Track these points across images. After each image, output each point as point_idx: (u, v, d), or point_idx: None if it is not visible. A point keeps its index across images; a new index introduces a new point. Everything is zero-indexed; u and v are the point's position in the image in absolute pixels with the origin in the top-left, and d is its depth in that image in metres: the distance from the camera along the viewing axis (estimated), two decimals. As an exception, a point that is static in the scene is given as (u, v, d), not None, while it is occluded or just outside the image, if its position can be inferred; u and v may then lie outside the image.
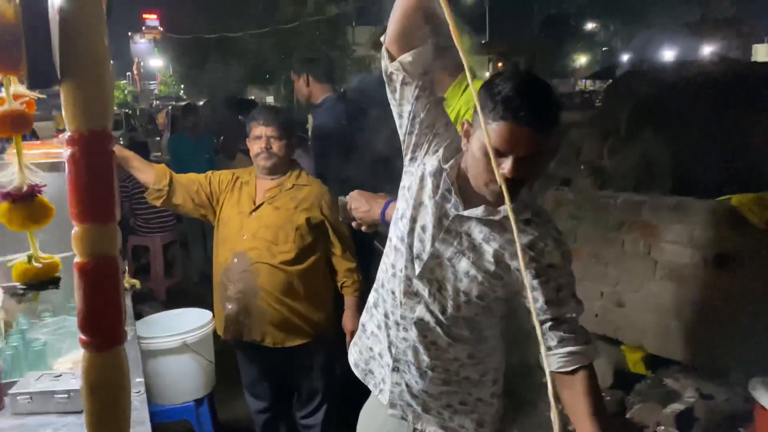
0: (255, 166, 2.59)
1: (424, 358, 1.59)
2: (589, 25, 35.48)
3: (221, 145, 5.77)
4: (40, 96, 0.88)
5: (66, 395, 1.68)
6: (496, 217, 1.45)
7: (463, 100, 2.04)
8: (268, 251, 2.47)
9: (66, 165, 0.90)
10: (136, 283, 2.48)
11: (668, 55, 26.30)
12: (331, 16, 29.46)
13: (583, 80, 34.11)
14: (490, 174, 1.35)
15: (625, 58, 28.40)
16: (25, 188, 0.90)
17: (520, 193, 1.43)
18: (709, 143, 3.45)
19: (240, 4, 25.28)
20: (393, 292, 1.62)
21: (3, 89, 0.86)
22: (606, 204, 3.33)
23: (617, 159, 3.85)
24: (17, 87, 0.85)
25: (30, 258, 0.92)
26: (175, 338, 2.50)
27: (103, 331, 0.96)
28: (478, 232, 1.49)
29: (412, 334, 1.59)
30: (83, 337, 0.95)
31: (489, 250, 1.48)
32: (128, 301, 2.39)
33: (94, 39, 0.88)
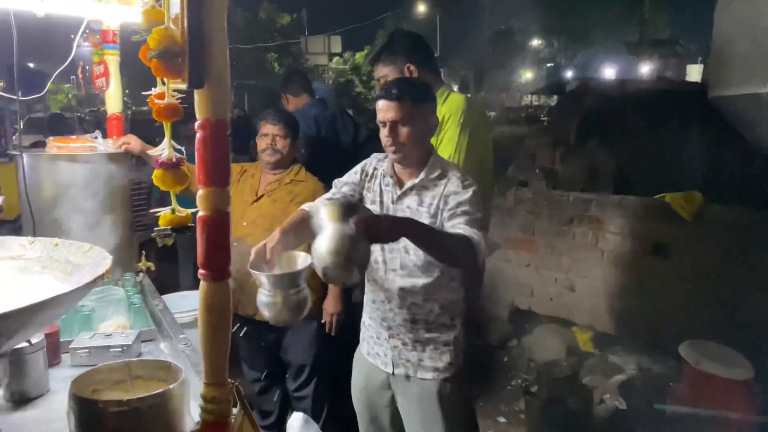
0: (261, 160, 2.90)
1: (407, 313, 2.05)
2: (535, 42, 36.64)
3: None
4: (182, 95, 1.21)
5: (120, 349, 1.96)
6: (416, 181, 1.98)
7: (446, 108, 2.43)
8: (263, 238, 2.77)
9: (196, 143, 1.24)
10: (151, 265, 2.75)
11: (609, 72, 27.61)
12: (284, 24, 29.64)
13: (529, 95, 35.26)
14: (386, 145, 1.95)
15: (569, 74, 29.55)
16: (174, 159, 1.22)
17: (429, 158, 1.99)
18: (646, 150, 3.96)
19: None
20: (375, 281, 2.11)
21: (155, 87, 1.18)
22: (559, 201, 3.79)
23: (567, 164, 4.33)
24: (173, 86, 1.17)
25: (173, 210, 1.23)
26: (188, 314, 2.78)
27: (217, 266, 1.28)
28: (414, 201, 1.99)
29: (396, 302, 2.06)
30: (203, 271, 1.28)
31: (424, 210, 1.98)
32: (148, 281, 2.67)
33: (222, 54, 1.22)
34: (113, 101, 2.80)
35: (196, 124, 1.24)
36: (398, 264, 2.04)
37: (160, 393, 1.30)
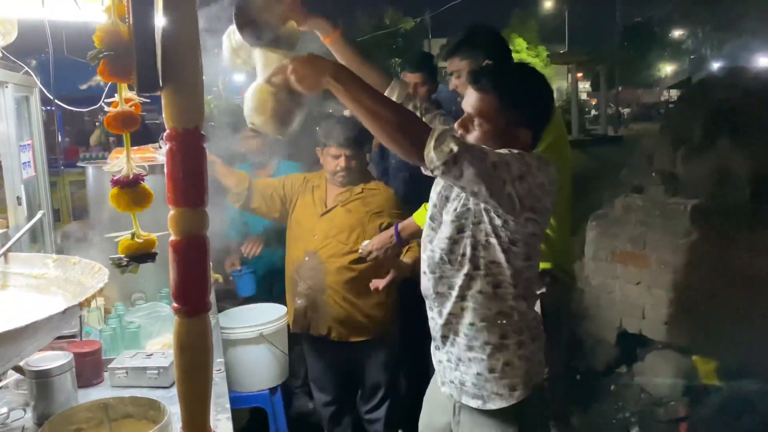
0: (332, 178, 2.74)
1: (444, 325, 1.74)
2: (676, 33, 34.13)
3: None
4: (145, 100, 1.06)
5: (156, 372, 1.87)
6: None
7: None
8: (337, 251, 2.62)
9: (165, 158, 1.07)
10: (219, 277, 2.69)
11: (763, 62, 24.85)
12: (407, 28, 29.88)
13: (668, 90, 32.92)
14: None
15: (715, 66, 27.10)
16: (131, 176, 1.08)
17: None
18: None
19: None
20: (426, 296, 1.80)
21: (116, 94, 1.04)
22: (675, 211, 3.31)
23: (691, 167, 3.79)
24: (127, 92, 1.03)
25: (133, 235, 1.10)
26: (253, 329, 2.68)
27: (192, 299, 1.11)
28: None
29: (435, 310, 1.76)
30: (175, 305, 1.11)
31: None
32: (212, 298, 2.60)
33: (189, 53, 1.04)
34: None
35: (165, 134, 1.08)
36: (427, 265, 1.74)
37: (133, 440, 1.15)
